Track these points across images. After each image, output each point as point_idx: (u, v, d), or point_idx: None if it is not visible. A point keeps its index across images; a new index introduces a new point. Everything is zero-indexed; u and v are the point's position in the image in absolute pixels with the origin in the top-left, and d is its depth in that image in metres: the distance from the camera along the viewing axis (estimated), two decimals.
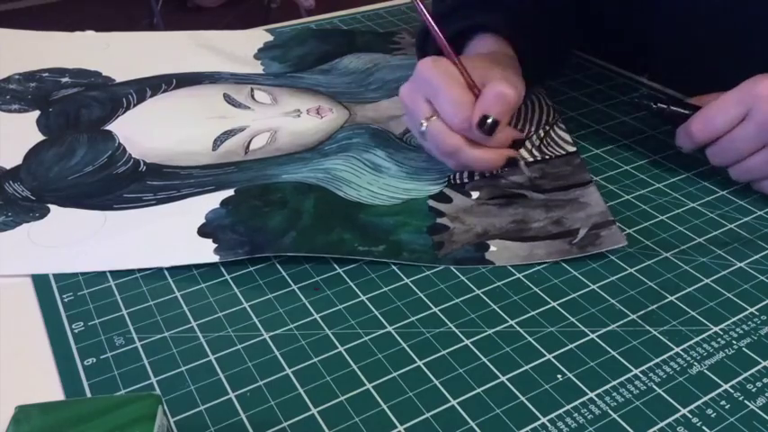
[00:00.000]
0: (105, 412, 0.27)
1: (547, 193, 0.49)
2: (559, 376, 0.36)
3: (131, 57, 0.70)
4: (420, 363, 0.37)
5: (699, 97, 0.52)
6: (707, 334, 0.39)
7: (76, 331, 0.39)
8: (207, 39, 0.75)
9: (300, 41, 0.73)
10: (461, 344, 0.38)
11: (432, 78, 0.47)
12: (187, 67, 0.68)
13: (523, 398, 0.35)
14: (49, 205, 0.49)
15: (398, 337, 0.39)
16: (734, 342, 0.38)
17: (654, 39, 0.64)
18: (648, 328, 0.39)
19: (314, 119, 0.59)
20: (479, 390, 0.35)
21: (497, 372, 0.36)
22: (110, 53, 0.71)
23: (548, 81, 0.64)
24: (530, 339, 0.38)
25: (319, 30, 0.77)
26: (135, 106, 0.61)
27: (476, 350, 0.38)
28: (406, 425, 0.34)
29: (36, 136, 0.57)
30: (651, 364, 0.37)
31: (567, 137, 0.56)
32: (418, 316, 0.40)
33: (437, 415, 0.34)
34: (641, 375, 0.36)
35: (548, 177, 0.51)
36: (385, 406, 0.35)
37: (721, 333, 0.39)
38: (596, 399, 0.35)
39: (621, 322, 0.39)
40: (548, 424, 0.34)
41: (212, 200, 0.49)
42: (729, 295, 0.41)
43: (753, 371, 0.36)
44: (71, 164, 0.54)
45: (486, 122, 0.46)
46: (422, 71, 0.48)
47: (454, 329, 0.39)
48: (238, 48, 0.72)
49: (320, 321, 0.40)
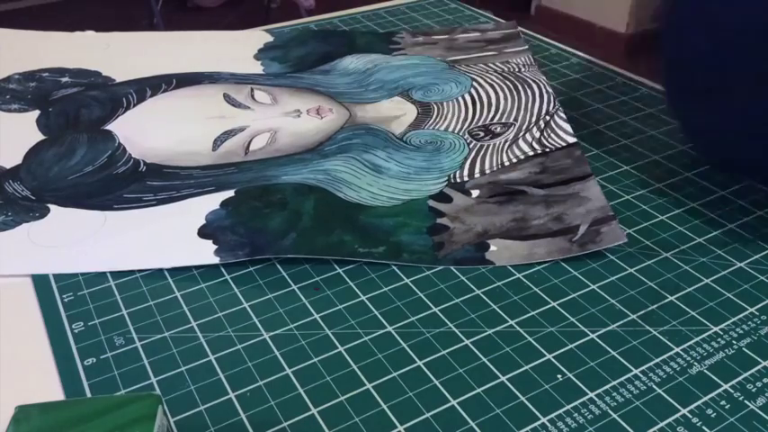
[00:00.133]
0: (105, 412, 0.27)
1: (547, 188, 0.49)
2: (559, 376, 0.36)
3: (131, 57, 0.70)
4: (420, 363, 0.37)
5: None
6: (707, 334, 0.39)
7: (76, 331, 0.39)
8: (207, 39, 0.75)
9: (300, 42, 0.73)
10: (461, 344, 0.38)
11: None
12: (187, 67, 0.68)
13: (523, 398, 0.35)
14: (49, 205, 0.49)
15: (398, 337, 0.39)
16: (734, 342, 0.38)
17: None
18: (648, 328, 0.39)
19: (314, 119, 0.59)
20: (479, 390, 0.35)
21: (497, 372, 0.36)
22: (110, 53, 0.71)
23: None
24: (530, 339, 0.38)
25: (319, 30, 0.77)
26: (135, 106, 0.61)
27: (476, 350, 0.38)
28: (406, 425, 0.34)
29: (36, 136, 0.57)
30: (651, 364, 0.37)
31: (567, 127, 0.56)
32: (418, 316, 0.40)
33: (437, 415, 0.34)
34: (641, 375, 0.36)
35: (548, 171, 0.51)
36: (385, 406, 0.35)
37: (721, 333, 0.39)
38: (596, 399, 0.35)
39: (621, 322, 0.39)
40: (548, 424, 0.34)
41: (212, 201, 0.49)
42: (729, 295, 0.41)
43: (753, 371, 0.36)
44: (71, 164, 0.54)
45: None
46: None
47: (454, 329, 0.39)
48: (238, 48, 0.72)
49: (320, 321, 0.40)
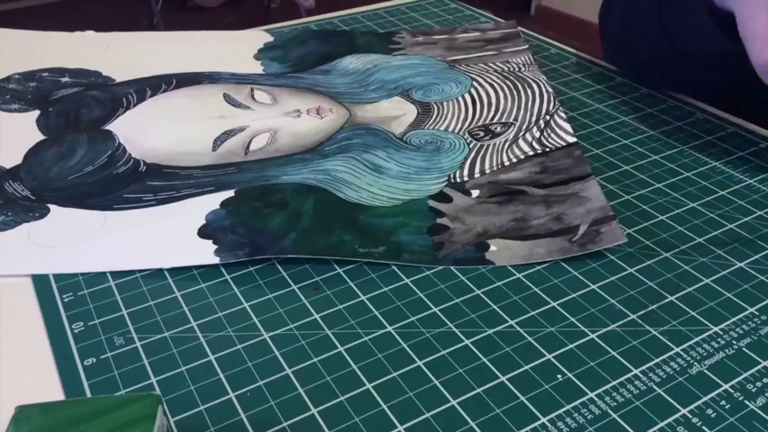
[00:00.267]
0: (105, 412, 0.27)
1: (547, 188, 0.49)
2: (559, 376, 0.36)
3: (131, 57, 0.70)
4: (420, 363, 0.37)
5: None
6: (707, 334, 0.39)
7: (76, 331, 0.39)
8: (207, 39, 0.75)
9: (300, 42, 0.73)
10: (461, 344, 0.38)
11: None
12: (187, 67, 0.68)
13: (523, 398, 0.35)
14: (49, 205, 0.49)
15: (398, 337, 0.39)
16: (734, 342, 0.38)
17: None
18: (648, 328, 0.39)
19: (314, 119, 0.59)
20: (479, 390, 0.35)
21: (497, 372, 0.36)
22: (110, 53, 0.71)
23: None
24: (530, 339, 0.38)
25: (319, 30, 0.77)
26: (135, 106, 0.61)
27: (476, 350, 0.38)
28: (406, 425, 0.34)
29: (36, 136, 0.57)
30: (651, 364, 0.37)
31: (567, 126, 0.56)
32: (418, 316, 0.40)
33: (437, 415, 0.34)
34: (641, 375, 0.36)
35: (548, 171, 0.51)
36: (385, 406, 0.35)
37: (721, 333, 0.39)
38: (596, 399, 0.35)
39: (621, 322, 0.39)
40: (548, 424, 0.34)
41: (212, 201, 0.49)
42: (729, 295, 0.41)
43: (753, 371, 0.36)
44: (71, 164, 0.54)
45: None
46: None
47: (454, 329, 0.39)
48: (238, 48, 0.72)
49: (320, 321, 0.40)
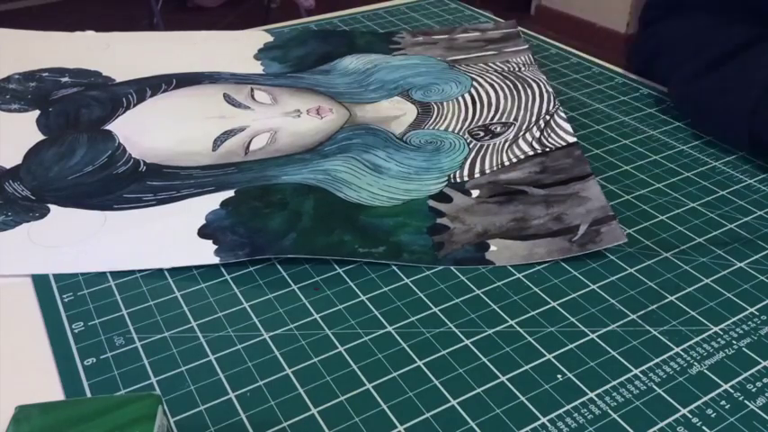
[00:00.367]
0: (105, 412, 0.27)
1: (547, 188, 0.49)
2: (559, 376, 0.36)
3: (131, 57, 0.70)
4: (420, 363, 0.37)
5: None
6: (707, 334, 0.39)
7: (76, 331, 0.39)
8: (207, 39, 0.75)
9: (300, 42, 0.73)
10: (461, 344, 0.38)
11: None
12: (187, 67, 0.68)
13: (523, 398, 0.35)
14: (49, 205, 0.49)
15: (398, 337, 0.39)
16: (734, 342, 0.38)
17: None
18: (648, 328, 0.39)
19: (314, 119, 0.59)
20: (479, 390, 0.35)
21: (497, 372, 0.36)
22: (110, 53, 0.71)
23: None
24: (530, 339, 0.38)
25: (319, 30, 0.77)
26: (135, 106, 0.61)
27: (476, 350, 0.38)
28: (406, 425, 0.34)
29: (36, 136, 0.57)
30: (651, 364, 0.37)
31: (567, 126, 0.56)
32: (418, 316, 0.40)
33: (437, 415, 0.34)
34: (641, 375, 0.36)
35: (548, 171, 0.51)
36: (385, 406, 0.35)
37: (721, 333, 0.39)
38: (596, 399, 0.35)
39: (621, 322, 0.39)
40: (548, 424, 0.34)
41: (212, 201, 0.49)
42: (729, 295, 0.41)
43: (753, 371, 0.36)
44: (71, 164, 0.54)
45: None
46: None
47: (454, 329, 0.39)
48: (238, 48, 0.72)
49: (320, 321, 0.40)
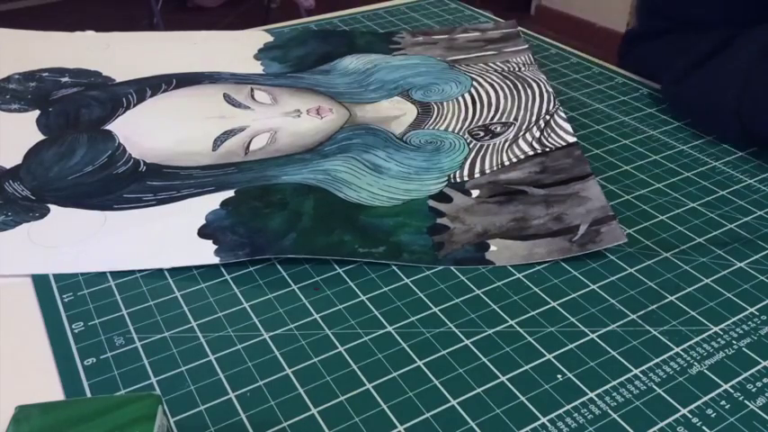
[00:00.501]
0: (105, 412, 0.27)
1: (547, 188, 0.49)
2: (559, 376, 0.36)
3: (131, 57, 0.70)
4: (420, 363, 0.37)
5: None
6: (707, 334, 0.39)
7: (76, 331, 0.39)
8: (207, 39, 0.75)
9: (300, 42, 0.73)
10: (461, 344, 0.38)
11: None
12: (187, 67, 0.68)
13: (523, 398, 0.35)
14: (49, 205, 0.49)
15: (398, 337, 0.39)
16: (734, 342, 0.38)
17: None
18: (648, 328, 0.39)
19: (314, 119, 0.59)
20: (479, 390, 0.35)
21: (497, 372, 0.36)
22: (110, 53, 0.71)
23: None
24: (530, 339, 0.38)
25: (319, 30, 0.77)
26: (135, 106, 0.61)
27: (476, 350, 0.38)
28: (406, 425, 0.34)
29: (36, 135, 0.57)
30: (651, 364, 0.37)
31: (567, 126, 0.56)
32: (418, 316, 0.40)
33: (437, 415, 0.34)
34: (641, 375, 0.36)
35: (548, 171, 0.51)
36: (385, 406, 0.35)
37: (721, 333, 0.39)
38: (596, 399, 0.35)
39: (621, 322, 0.39)
40: (548, 424, 0.34)
41: (212, 201, 0.49)
42: (729, 295, 0.41)
43: (753, 371, 0.36)
44: (71, 164, 0.54)
45: None
46: None
47: (454, 329, 0.39)
48: (238, 48, 0.72)
49: (320, 321, 0.40)
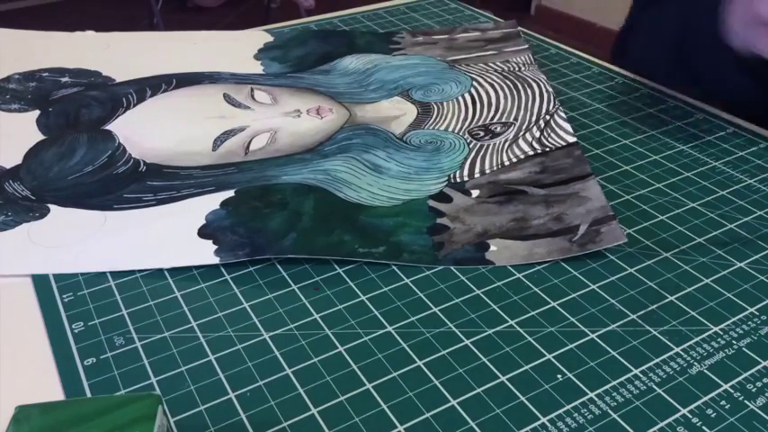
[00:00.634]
0: (105, 412, 0.27)
1: (547, 188, 0.49)
2: (559, 376, 0.36)
3: (131, 57, 0.70)
4: (420, 363, 0.37)
5: None
6: (707, 334, 0.39)
7: (76, 331, 0.39)
8: (207, 39, 0.75)
9: (300, 42, 0.73)
10: (461, 344, 0.38)
11: None
12: (187, 67, 0.68)
13: (523, 398, 0.35)
14: (49, 205, 0.49)
15: (398, 337, 0.39)
16: (734, 342, 0.38)
17: None
18: (648, 328, 0.39)
19: (314, 119, 0.59)
20: (479, 390, 0.35)
21: (497, 372, 0.36)
22: (110, 53, 0.71)
23: None
24: (530, 339, 0.38)
25: (319, 30, 0.77)
26: (135, 106, 0.61)
27: (476, 350, 0.38)
28: (406, 425, 0.34)
29: (36, 135, 0.57)
30: (651, 364, 0.37)
31: (567, 126, 0.56)
32: (418, 316, 0.40)
33: (437, 415, 0.34)
34: (641, 375, 0.36)
35: (548, 171, 0.51)
36: (385, 406, 0.35)
37: (721, 333, 0.39)
38: (596, 399, 0.35)
39: (621, 322, 0.39)
40: (548, 424, 0.34)
41: (212, 201, 0.49)
42: (729, 295, 0.41)
43: (753, 371, 0.36)
44: (71, 163, 0.54)
45: None
46: None
47: (454, 329, 0.39)
48: (238, 48, 0.72)
49: (320, 321, 0.40)
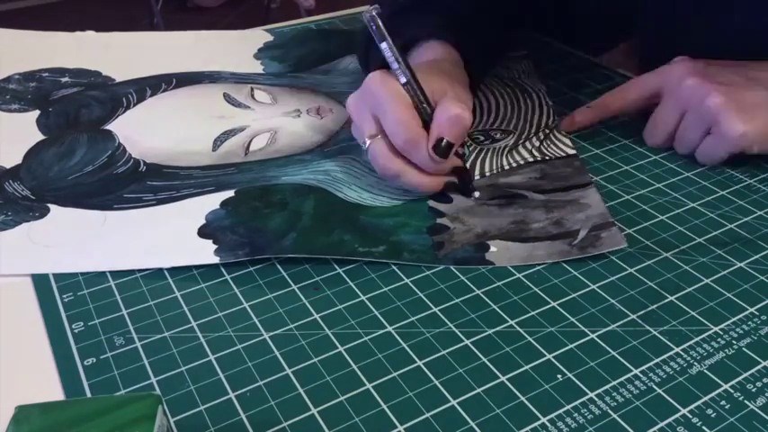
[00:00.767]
0: (105, 412, 0.27)
1: (547, 194, 0.49)
2: (559, 376, 0.36)
3: (131, 57, 0.70)
4: (420, 363, 0.37)
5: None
6: (707, 334, 0.39)
7: (76, 331, 0.39)
8: (207, 39, 0.75)
9: (300, 41, 0.73)
10: (461, 344, 0.38)
11: (379, 95, 0.47)
12: (187, 67, 0.68)
13: (523, 398, 0.35)
14: (49, 205, 0.49)
15: (398, 337, 0.39)
16: (734, 342, 0.38)
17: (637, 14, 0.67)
18: (648, 328, 0.39)
19: (314, 119, 0.59)
20: (479, 390, 0.35)
21: (497, 372, 0.36)
22: (110, 53, 0.71)
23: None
24: (530, 339, 0.38)
25: (319, 30, 0.77)
26: (135, 106, 0.61)
27: (476, 350, 0.38)
28: (406, 425, 0.34)
29: (36, 135, 0.57)
30: (651, 364, 0.37)
31: (567, 140, 0.56)
32: (418, 316, 0.40)
33: (437, 415, 0.34)
34: (641, 375, 0.36)
35: (548, 178, 0.51)
36: (385, 406, 0.35)
37: (721, 333, 0.39)
38: (596, 399, 0.35)
39: (621, 322, 0.39)
40: (548, 424, 0.34)
41: (212, 201, 0.49)
42: (729, 295, 0.41)
43: (753, 371, 0.36)
44: (71, 163, 0.54)
45: (440, 145, 0.46)
46: (370, 86, 0.47)
47: (454, 329, 0.39)
48: (238, 48, 0.72)
49: (320, 321, 0.40)
